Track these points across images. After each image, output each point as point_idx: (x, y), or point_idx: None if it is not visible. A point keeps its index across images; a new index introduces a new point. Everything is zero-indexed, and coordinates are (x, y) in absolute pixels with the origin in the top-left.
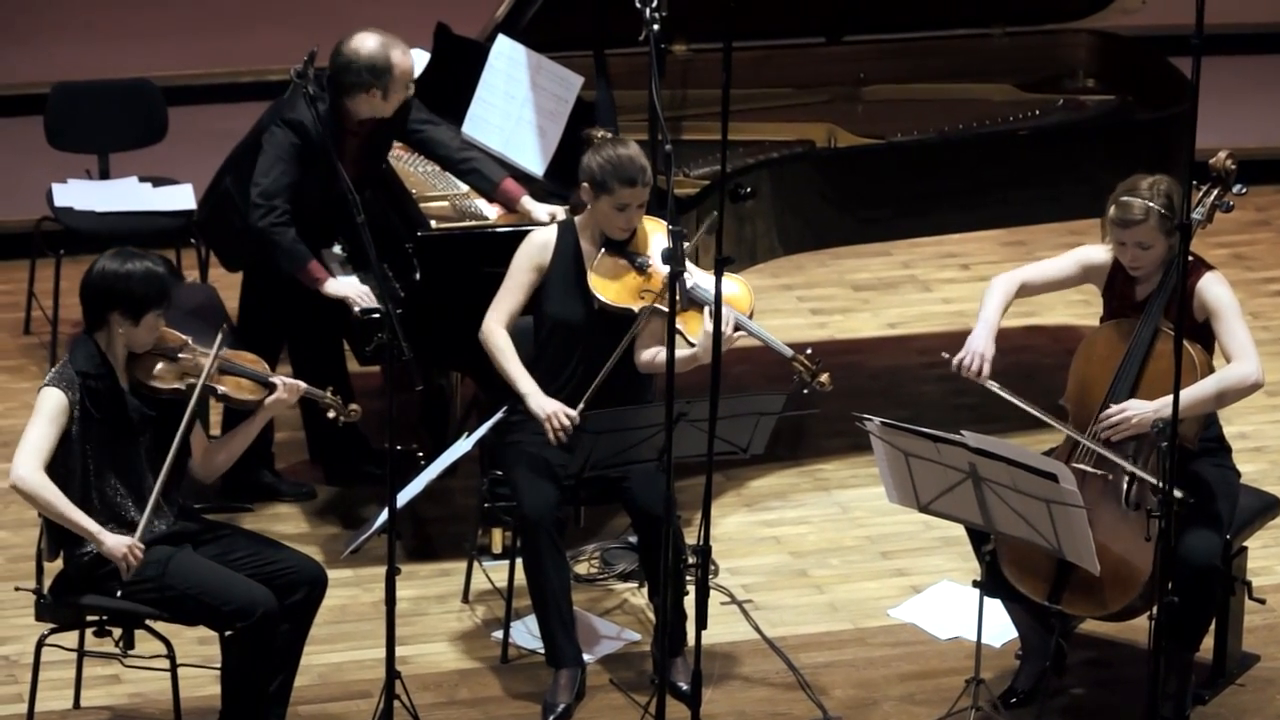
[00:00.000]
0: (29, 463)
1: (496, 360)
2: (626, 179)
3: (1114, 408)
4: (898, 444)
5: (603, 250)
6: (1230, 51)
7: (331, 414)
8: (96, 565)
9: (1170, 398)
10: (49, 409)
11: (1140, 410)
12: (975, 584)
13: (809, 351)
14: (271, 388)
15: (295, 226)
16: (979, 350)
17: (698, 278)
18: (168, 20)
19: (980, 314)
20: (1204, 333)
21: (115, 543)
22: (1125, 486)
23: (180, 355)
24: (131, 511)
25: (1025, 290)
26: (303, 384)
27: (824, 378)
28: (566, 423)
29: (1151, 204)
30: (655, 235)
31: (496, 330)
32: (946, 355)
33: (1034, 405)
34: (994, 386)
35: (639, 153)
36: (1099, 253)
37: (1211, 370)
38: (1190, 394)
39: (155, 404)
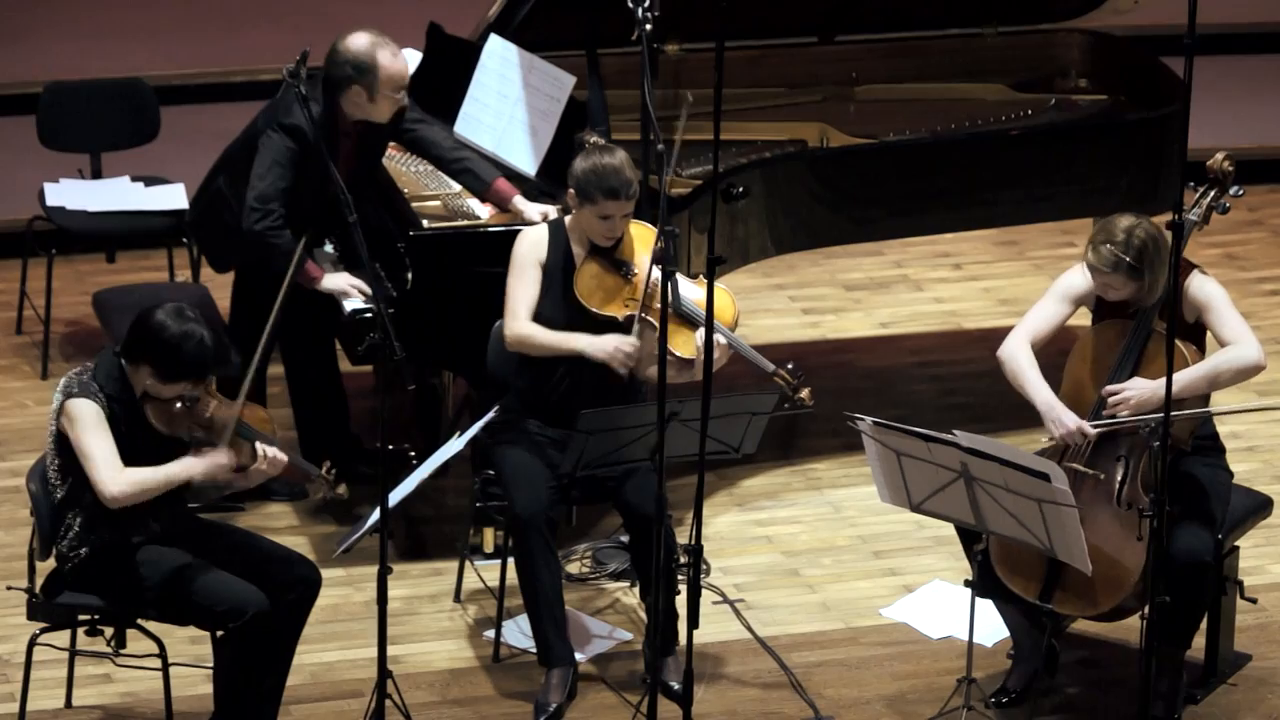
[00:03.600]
0: (111, 475)
1: (538, 348)
2: (609, 190)
3: (1114, 386)
4: (890, 443)
5: (587, 256)
6: (1222, 51)
7: (317, 494)
8: (90, 564)
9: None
10: (92, 419)
11: (1140, 390)
12: (967, 584)
13: (790, 366)
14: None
15: (289, 225)
16: (1071, 423)
17: (683, 289)
18: (160, 20)
19: (1028, 388)
20: (1196, 333)
21: (205, 465)
22: (1117, 486)
23: (195, 406)
24: (127, 525)
25: (1038, 345)
26: (285, 459)
27: (804, 393)
28: (629, 349)
29: (1123, 257)
30: (641, 243)
31: (523, 325)
32: (1045, 440)
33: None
34: (1100, 430)
35: (625, 163)
36: (1077, 278)
37: None
38: (1185, 375)
39: (159, 438)
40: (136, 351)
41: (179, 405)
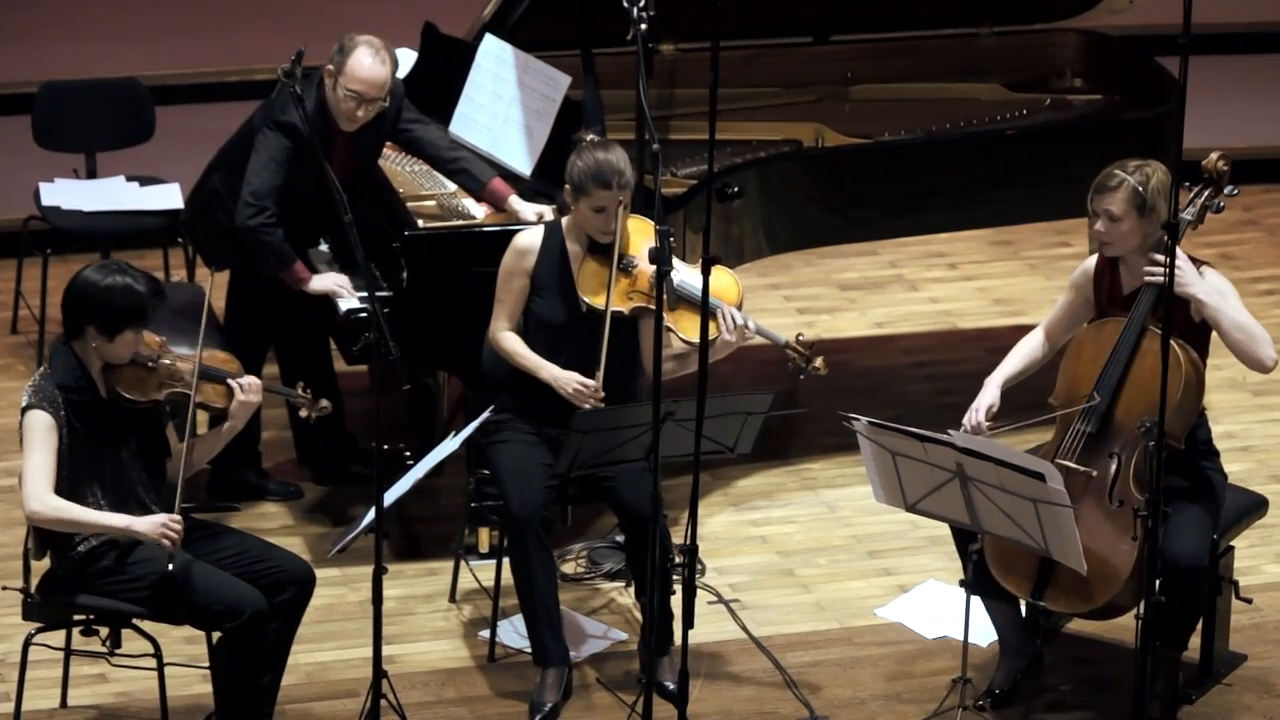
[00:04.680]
0: (38, 493)
1: (515, 363)
2: (601, 181)
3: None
4: (885, 443)
5: (587, 253)
6: (1217, 51)
7: (303, 412)
8: (85, 564)
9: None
10: (40, 433)
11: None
12: (961, 584)
13: (801, 336)
14: (233, 391)
15: (283, 225)
16: (974, 406)
17: (684, 274)
18: (155, 20)
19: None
20: (1196, 333)
21: (148, 525)
22: (1109, 483)
23: (157, 363)
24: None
25: (1052, 334)
26: (258, 381)
27: (818, 362)
28: (590, 390)
29: (1129, 178)
30: (641, 236)
31: (504, 335)
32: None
33: (1023, 420)
34: (988, 429)
35: (621, 156)
36: (1083, 267)
37: (1198, 370)
38: (1229, 304)
39: (135, 411)
40: (76, 320)
41: (143, 367)
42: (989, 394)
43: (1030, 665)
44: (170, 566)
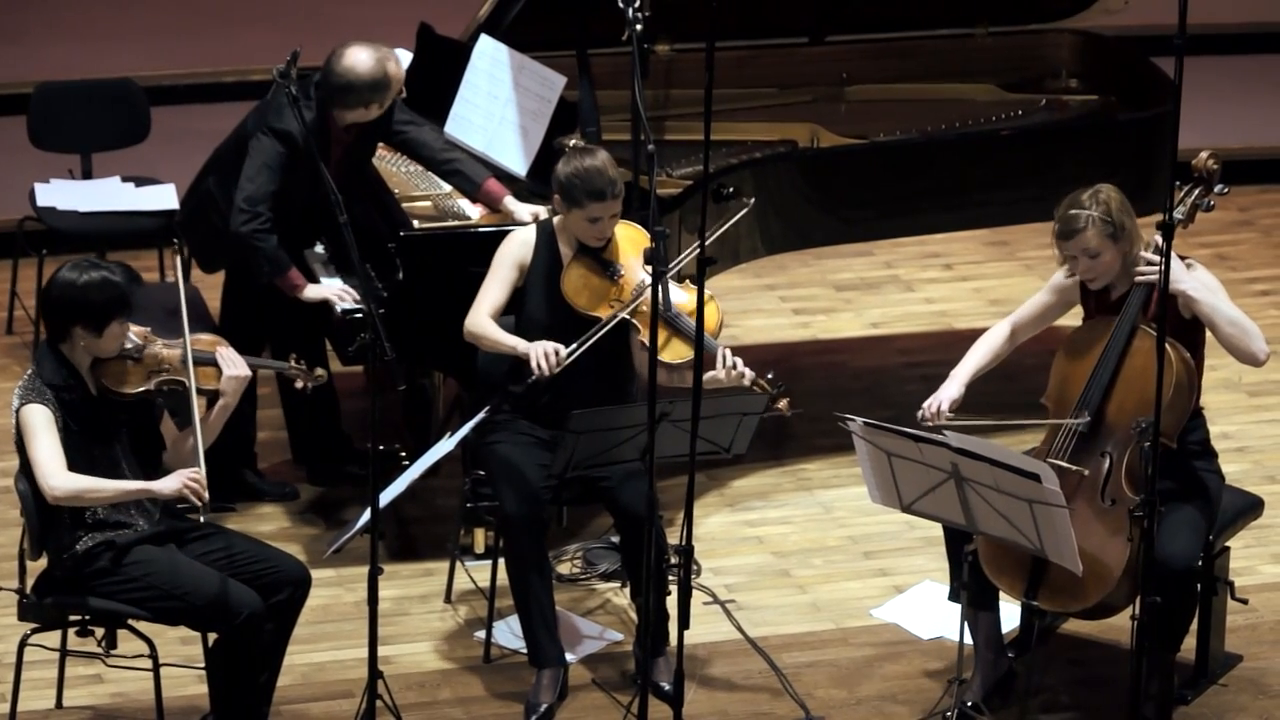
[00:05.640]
0: (55, 473)
1: (485, 343)
2: (594, 192)
3: (1149, 254)
4: (880, 444)
5: (575, 256)
6: (1213, 52)
7: (299, 384)
8: (81, 564)
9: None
10: (41, 423)
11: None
12: (952, 590)
13: (770, 376)
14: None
15: (279, 227)
16: (937, 396)
17: (671, 294)
18: (151, 20)
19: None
20: (1187, 331)
21: (169, 484)
22: (1101, 482)
23: (144, 353)
24: (100, 513)
25: (1018, 331)
26: (239, 357)
27: (783, 404)
28: (553, 355)
29: (1090, 212)
30: (629, 242)
31: (479, 319)
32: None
33: (999, 419)
34: (949, 421)
35: (608, 163)
36: (1064, 271)
37: (1189, 369)
38: (1221, 300)
39: (125, 404)
40: (61, 321)
41: (130, 359)
42: (953, 387)
43: (1002, 681)
44: (202, 519)
